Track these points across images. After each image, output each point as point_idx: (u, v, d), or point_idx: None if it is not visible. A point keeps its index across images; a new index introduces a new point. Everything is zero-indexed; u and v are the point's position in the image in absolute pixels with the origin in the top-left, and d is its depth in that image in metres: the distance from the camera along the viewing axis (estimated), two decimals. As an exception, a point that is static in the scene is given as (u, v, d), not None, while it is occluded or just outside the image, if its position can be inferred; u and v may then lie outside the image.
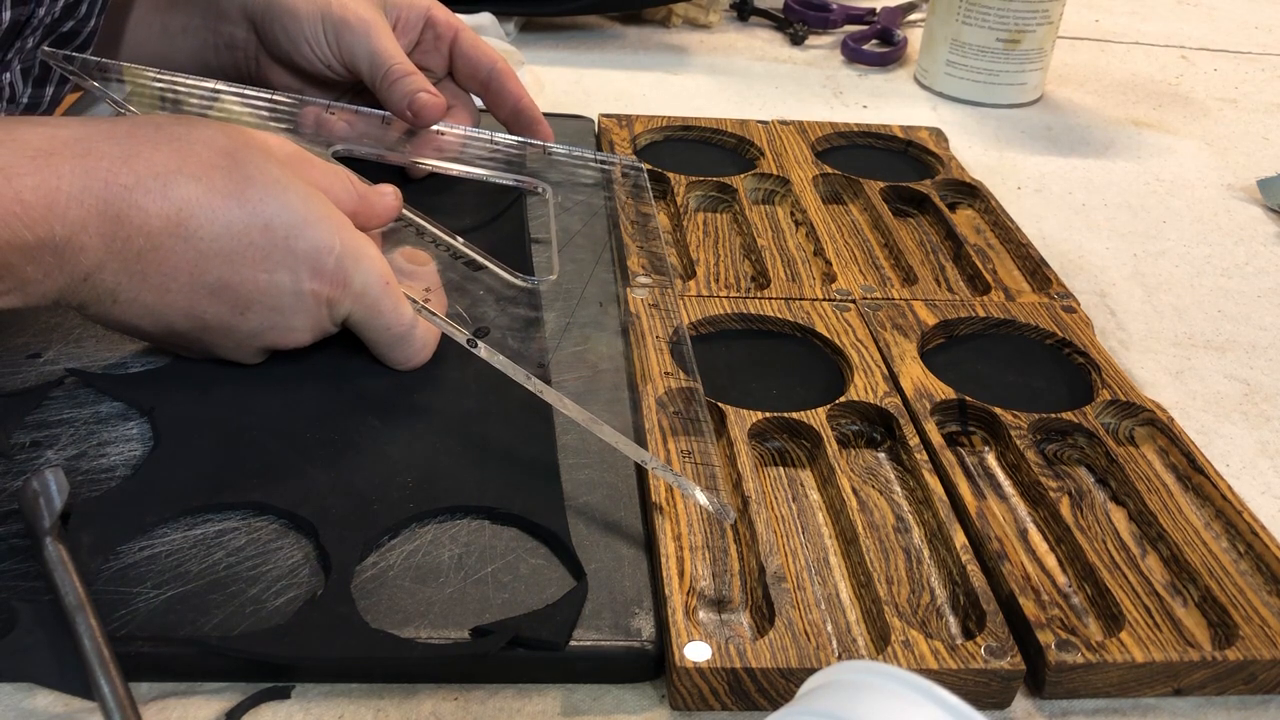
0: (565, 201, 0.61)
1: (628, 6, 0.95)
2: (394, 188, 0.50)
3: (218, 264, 0.42)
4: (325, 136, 0.61)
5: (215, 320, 0.44)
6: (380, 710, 0.35)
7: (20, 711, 0.34)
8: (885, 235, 0.62)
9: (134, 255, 0.41)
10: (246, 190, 0.42)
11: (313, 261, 0.44)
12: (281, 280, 0.43)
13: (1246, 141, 0.84)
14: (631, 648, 0.37)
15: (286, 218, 0.43)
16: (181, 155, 0.42)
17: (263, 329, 0.45)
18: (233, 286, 0.43)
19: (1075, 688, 0.37)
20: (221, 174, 0.42)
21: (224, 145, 0.43)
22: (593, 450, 0.45)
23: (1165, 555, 0.42)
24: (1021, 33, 0.84)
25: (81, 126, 0.42)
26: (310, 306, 0.45)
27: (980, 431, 0.48)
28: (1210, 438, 0.51)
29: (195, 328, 0.44)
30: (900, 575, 0.41)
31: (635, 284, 0.55)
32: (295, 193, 0.44)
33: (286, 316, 0.45)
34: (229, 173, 0.42)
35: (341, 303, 0.45)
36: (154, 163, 0.41)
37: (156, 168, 0.41)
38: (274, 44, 0.62)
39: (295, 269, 0.43)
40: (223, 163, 0.42)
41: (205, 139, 0.43)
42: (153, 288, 0.42)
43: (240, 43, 0.64)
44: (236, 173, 0.43)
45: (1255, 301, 0.63)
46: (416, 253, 0.50)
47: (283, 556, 0.39)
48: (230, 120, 0.55)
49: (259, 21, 0.63)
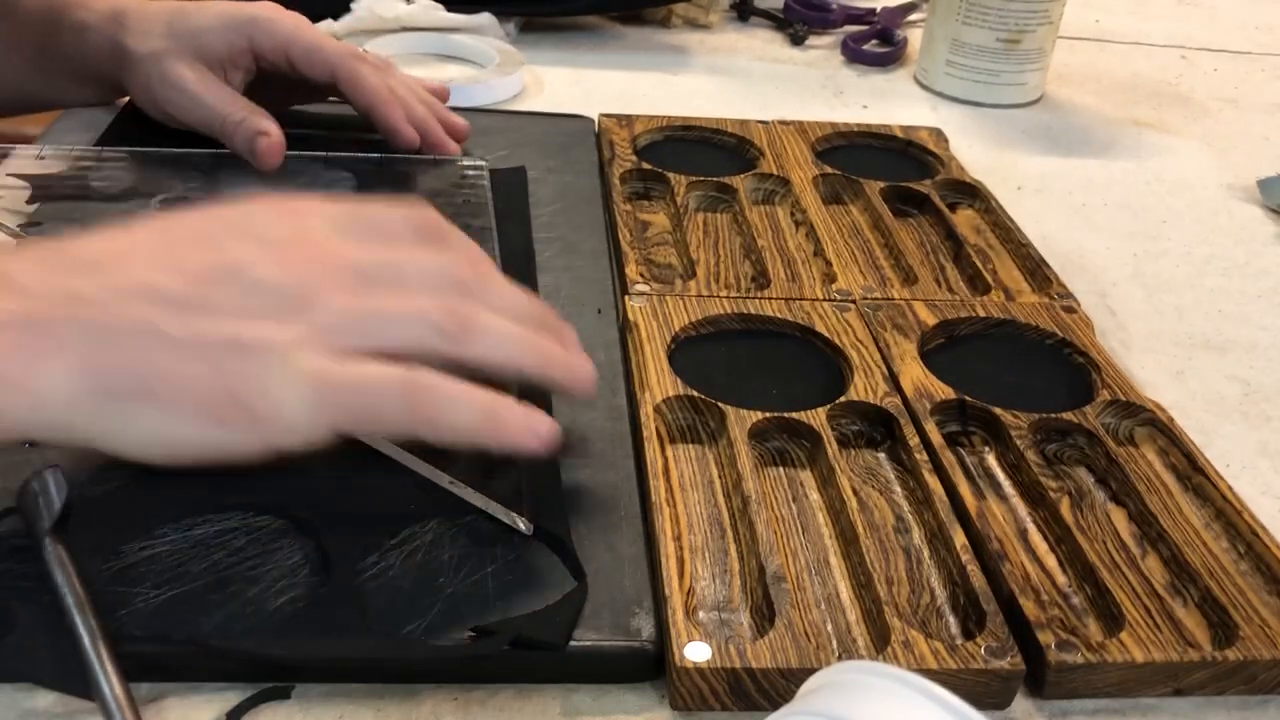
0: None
1: (628, 6, 0.94)
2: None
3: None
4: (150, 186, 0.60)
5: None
6: (380, 710, 0.35)
7: (20, 711, 0.34)
8: (885, 235, 0.62)
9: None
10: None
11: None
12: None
13: (1246, 141, 0.84)
14: (631, 648, 0.37)
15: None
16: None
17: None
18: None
19: (1075, 688, 0.37)
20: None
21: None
22: (593, 450, 0.45)
23: (1165, 555, 0.42)
24: (1021, 33, 0.84)
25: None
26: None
27: (980, 432, 0.48)
28: (1210, 438, 0.51)
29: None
30: (900, 575, 0.41)
31: (634, 292, 0.55)
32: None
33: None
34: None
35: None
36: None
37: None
38: (129, 93, 0.64)
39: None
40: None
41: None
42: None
43: (109, 78, 0.64)
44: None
45: (1255, 301, 0.63)
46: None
47: (283, 556, 0.39)
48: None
49: (117, 65, 0.63)
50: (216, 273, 0.37)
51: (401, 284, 0.39)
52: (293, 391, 0.36)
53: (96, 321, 0.36)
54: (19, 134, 0.73)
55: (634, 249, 0.58)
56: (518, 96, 0.80)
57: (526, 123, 0.73)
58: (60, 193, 0.58)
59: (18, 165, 0.60)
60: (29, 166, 0.60)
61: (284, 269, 0.38)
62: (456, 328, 0.39)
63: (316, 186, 0.61)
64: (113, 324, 0.36)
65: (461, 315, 0.39)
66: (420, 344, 0.38)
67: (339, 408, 0.37)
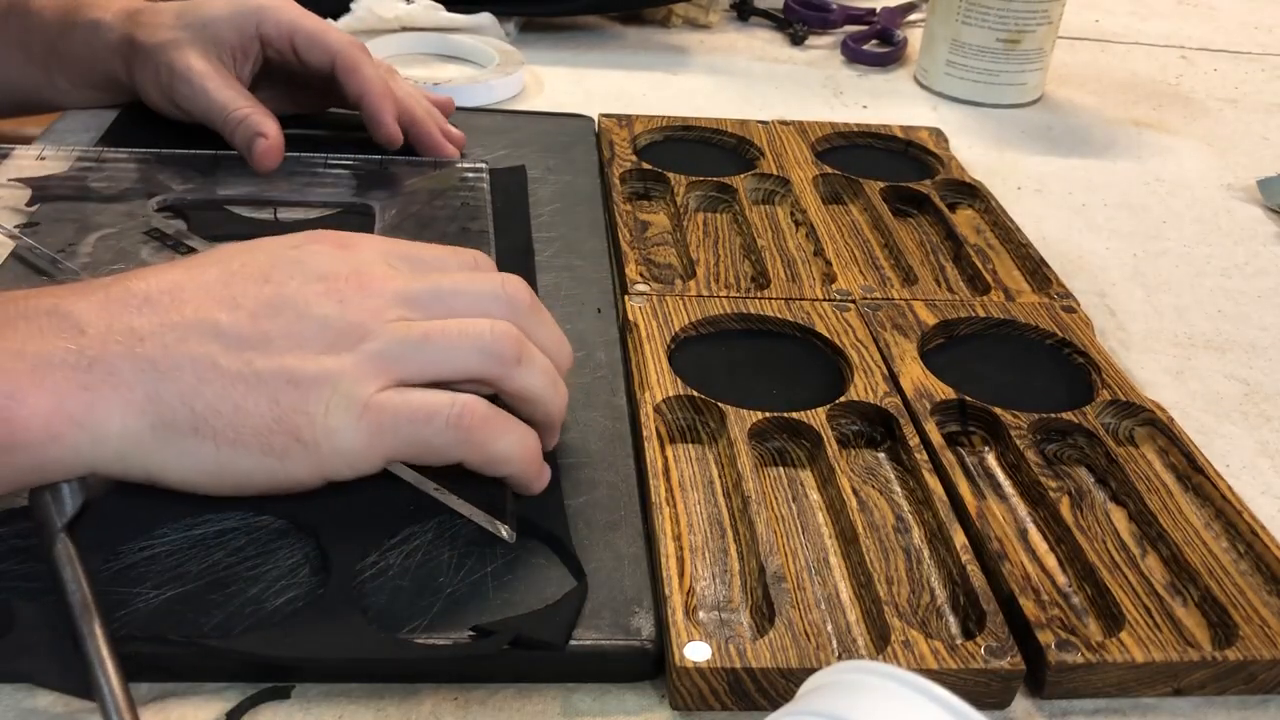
0: (396, 217, 0.59)
1: (628, 6, 0.95)
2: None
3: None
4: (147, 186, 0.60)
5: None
6: (380, 710, 0.35)
7: (20, 711, 0.34)
8: (885, 235, 0.62)
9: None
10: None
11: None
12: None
13: (1246, 141, 0.84)
14: (631, 647, 0.37)
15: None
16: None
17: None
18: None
19: (1075, 688, 0.37)
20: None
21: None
22: (593, 450, 0.45)
23: (1165, 555, 0.42)
24: (1021, 33, 0.84)
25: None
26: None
27: (980, 431, 0.48)
28: (1210, 438, 0.51)
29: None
30: (900, 575, 0.41)
31: (634, 291, 0.55)
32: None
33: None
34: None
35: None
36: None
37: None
38: (139, 87, 0.64)
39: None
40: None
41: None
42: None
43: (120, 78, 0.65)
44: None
45: (1255, 301, 0.63)
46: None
47: (283, 556, 0.39)
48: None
49: (127, 60, 0.64)
50: (271, 308, 0.38)
51: (453, 309, 0.40)
52: (346, 421, 0.37)
53: (155, 358, 0.37)
54: (19, 134, 0.73)
55: (634, 249, 0.58)
56: (518, 96, 0.80)
57: (526, 123, 0.73)
58: (60, 193, 0.58)
59: (18, 166, 0.60)
60: (29, 167, 0.60)
61: (337, 302, 0.38)
62: (509, 353, 0.39)
63: (317, 187, 0.61)
64: (171, 360, 0.37)
65: (515, 341, 0.40)
66: (472, 370, 0.39)
67: (392, 435, 0.38)
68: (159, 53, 0.62)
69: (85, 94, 0.67)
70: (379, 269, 0.40)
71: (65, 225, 0.55)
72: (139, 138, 0.64)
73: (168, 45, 0.62)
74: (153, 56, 0.62)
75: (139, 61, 0.63)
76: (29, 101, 0.68)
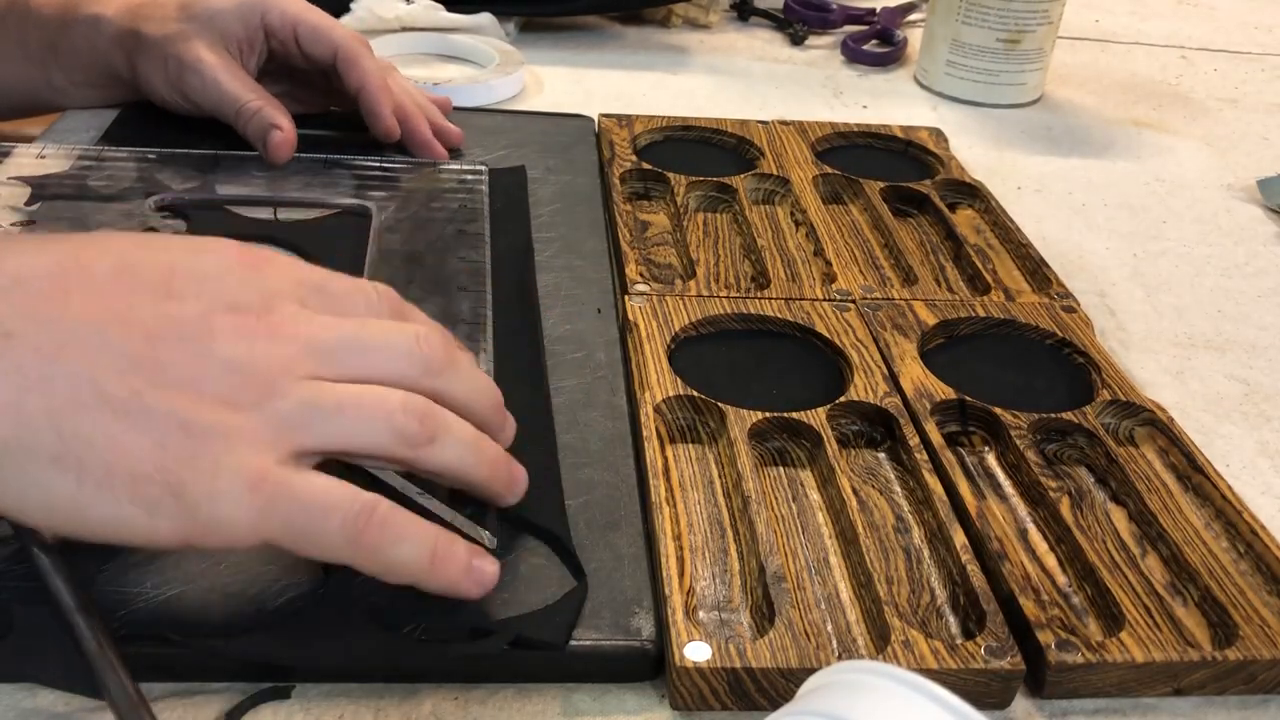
0: (393, 218, 0.59)
1: (628, 6, 0.95)
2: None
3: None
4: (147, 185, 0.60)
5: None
6: (380, 710, 0.35)
7: (20, 711, 0.34)
8: (885, 235, 0.62)
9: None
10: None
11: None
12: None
13: (1246, 141, 0.84)
14: (631, 647, 0.37)
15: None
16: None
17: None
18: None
19: (1075, 688, 0.37)
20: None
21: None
22: (593, 450, 0.45)
23: (1165, 555, 0.42)
24: (1021, 33, 0.84)
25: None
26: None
27: (980, 431, 0.48)
28: (1210, 438, 0.51)
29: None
30: (900, 575, 0.41)
31: (634, 291, 0.55)
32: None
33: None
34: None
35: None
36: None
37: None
38: (144, 80, 0.64)
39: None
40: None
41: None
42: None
43: (121, 73, 0.65)
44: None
45: (1255, 301, 0.63)
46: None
47: (283, 556, 0.39)
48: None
49: (130, 53, 0.64)
50: (173, 331, 0.33)
51: (367, 364, 0.36)
52: (235, 490, 0.32)
53: (22, 362, 0.31)
54: (19, 134, 0.73)
55: (634, 249, 0.58)
56: (518, 96, 0.80)
57: (526, 123, 0.73)
58: (59, 192, 0.58)
59: (18, 164, 0.60)
60: (29, 166, 0.60)
61: (245, 343, 0.34)
62: (420, 434, 0.35)
63: (315, 187, 0.61)
64: (43, 368, 0.31)
65: (426, 420, 0.36)
66: (382, 448, 0.35)
67: (279, 521, 0.33)
68: (167, 45, 0.62)
69: (83, 92, 0.67)
70: (290, 305, 0.35)
71: (63, 224, 0.55)
72: (139, 137, 0.64)
73: (175, 37, 0.62)
74: (160, 49, 0.62)
75: (144, 54, 0.63)
76: (25, 103, 0.68)
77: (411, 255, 0.55)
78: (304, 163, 0.63)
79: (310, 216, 0.59)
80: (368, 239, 0.56)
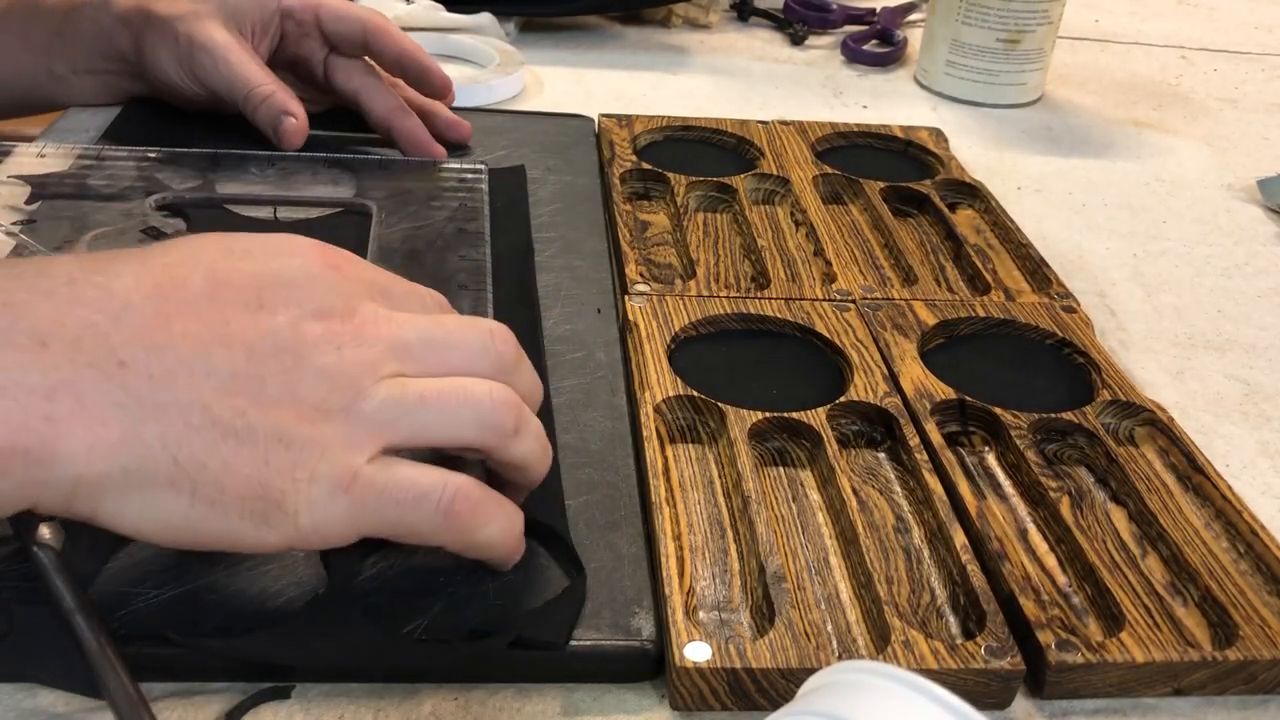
0: (393, 217, 0.58)
1: (628, 6, 0.95)
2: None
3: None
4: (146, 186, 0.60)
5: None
6: (380, 710, 0.35)
7: (20, 711, 0.34)
8: (885, 235, 0.62)
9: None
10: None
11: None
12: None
13: (1246, 141, 0.84)
14: (631, 647, 0.37)
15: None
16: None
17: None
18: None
19: (1075, 688, 0.37)
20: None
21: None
22: (593, 450, 0.45)
23: (1165, 555, 0.42)
24: (1021, 33, 0.84)
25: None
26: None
27: (980, 431, 0.48)
28: (1210, 438, 0.51)
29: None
30: (900, 575, 0.41)
31: (634, 291, 0.55)
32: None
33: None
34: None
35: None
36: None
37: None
38: (151, 60, 0.63)
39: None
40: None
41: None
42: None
43: (127, 55, 0.64)
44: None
45: (1255, 301, 0.63)
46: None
47: (283, 556, 0.39)
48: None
49: (137, 33, 0.63)
50: (268, 344, 0.34)
51: (446, 362, 0.37)
52: (329, 492, 0.33)
53: (138, 391, 0.32)
54: (20, 133, 0.73)
55: (634, 249, 0.58)
56: (518, 96, 0.80)
57: (526, 123, 0.73)
58: (60, 191, 0.58)
59: (18, 163, 0.60)
60: (29, 165, 0.60)
61: (335, 349, 0.34)
62: (510, 424, 0.36)
63: (315, 186, 0.61)
64: (157, 396, 0.32)
65: (515, 411, 0.37)
66: (467, 439, 0.36)
67: (375, 515, 0.34)
68: (178, 23, 0.62)
69: (84, 81, 0.67)
70: (369, 305, 0.36)
71: (62, 223, 0.55)
72: (139, 136, 0.64)
73: (188, 16, 0.62)
74: (171, 27, 0.62)
75: (154, 34, 0.62)
76: (24, 97, 0.68)
77: (411, 253, 0.55)
78: (304, 161, 0.63)
79: (310, 215, 0.59)
80: (368, 237, 0.56)
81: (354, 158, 0.64)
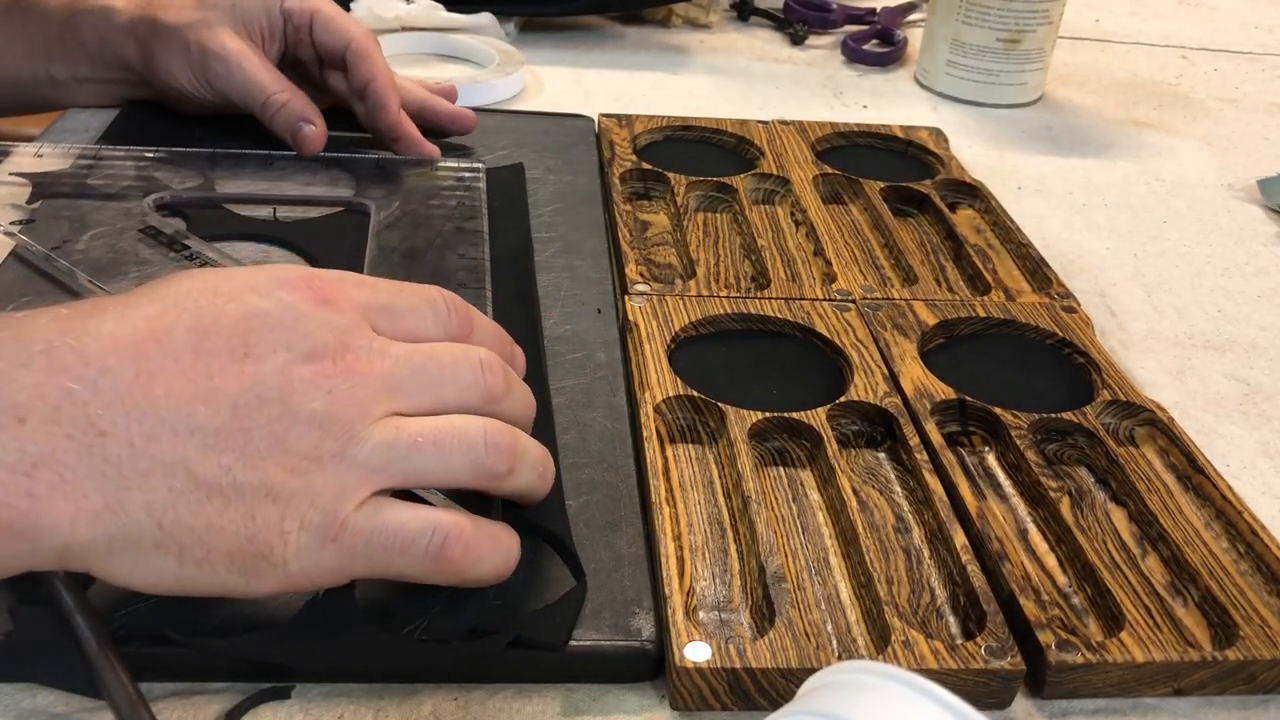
0: (391, 215, 0.58)
1: (628, 6, 0.95)
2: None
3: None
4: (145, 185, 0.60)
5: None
6: (380, 710, 0.35)
7: (20, 711, 0.34)
8: (885, 235, 0.62)
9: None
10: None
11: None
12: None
13: (1246, 141, 0.84)
14: (631, 648, 0.37)
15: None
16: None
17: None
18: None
19: (1075, 688, 0.37)
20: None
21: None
22: (593, 450, 0.45)
23: (1165, 555, 0.42)
24: (1021, 33, 0.84)
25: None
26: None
27: (980, 431, 0.48)
28: (1210, 438, 0.51)
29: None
30: (900, 575, 0.41)
31: (634, 291, 0.55)
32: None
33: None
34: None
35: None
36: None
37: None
38: (161, 69, 0.63)
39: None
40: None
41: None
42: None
43: (132, 64, 0.64)
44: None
45: (1255, 301, 0.63)
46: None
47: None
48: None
49: (144, 42, 0.63)
50: (254, 394, 0.33)
51: (437, 396, 0.36)
52: (317, 541, 0.33)
53: (118, 459, 0.31)
54: (19, 133, 0.73)
55: (634, 249, 0.58)
56: (518, 96, 0.80)
57: (526, 122, 0.73)
58: (59, 191, 0.58)
59: (17, 164, 0.60)
60: (28, 165, 0.60)
61: (325, 394, 0.34)
62: (504, 465, 0.36)
63: (314, 186, 0.61)
64: (138, 464, 0.31)
65: (509, 454, 0.37)
66: (462, 481, 0.36)
67: (364, 560, 0.34)
68: (187, 31, 0.62)
69: (85, 87, 0.67)
70: (363, 338, 0.35)
71: (61, 222, 0.55)
72: (138, 137, 0.64)
73: (197, 24, 0.62)
74: (182, 36, 0.62)
75: (164, 43, 0.62)
76: (23, 98, 0.68)
77: (411, 252, 0.55)
78: (303, 161, 0.63)
79: (309, 215, 0.59)
80: (366, 236, 0.56)
81: (352, 157, 0.64)
